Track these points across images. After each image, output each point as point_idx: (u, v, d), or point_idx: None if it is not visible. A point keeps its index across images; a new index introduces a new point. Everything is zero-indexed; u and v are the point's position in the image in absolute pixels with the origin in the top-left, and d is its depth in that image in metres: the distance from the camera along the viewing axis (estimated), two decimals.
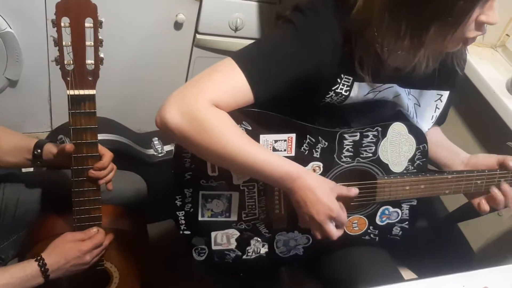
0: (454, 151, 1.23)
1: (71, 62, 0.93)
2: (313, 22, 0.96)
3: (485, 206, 1.10)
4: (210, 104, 0.90)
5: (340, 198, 0.99)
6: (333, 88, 1.01)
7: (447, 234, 1.38)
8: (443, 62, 1.03)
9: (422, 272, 1.29)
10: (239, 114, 0.97)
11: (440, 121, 1.26)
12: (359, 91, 1.02)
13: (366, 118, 1.07)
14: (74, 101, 0.97)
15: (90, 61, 0.95)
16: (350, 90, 1.02)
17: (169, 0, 1.72)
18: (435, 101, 1.16)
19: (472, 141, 1.63)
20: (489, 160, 1.13)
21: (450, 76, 1.11)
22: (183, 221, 1.10)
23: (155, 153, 1.74)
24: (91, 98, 0.98)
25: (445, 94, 1.16)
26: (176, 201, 1.07)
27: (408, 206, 1.15)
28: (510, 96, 1.47)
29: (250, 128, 1.01)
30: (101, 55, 0.96)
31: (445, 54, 1.02)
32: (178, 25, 1.79)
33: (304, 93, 0.99)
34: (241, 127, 1.00)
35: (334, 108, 1.04)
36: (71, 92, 0.96)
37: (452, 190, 1.10)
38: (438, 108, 1.17)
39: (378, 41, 0.95)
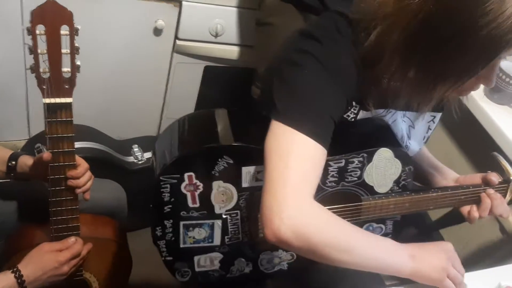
0: (439, 169, 1.24)
1: (47, 70, 0.92)
2: (334, 53, 0.92)
3: (474, 214, 1.12)
4: (311, 201, 0.84)
5: None
6: (343, 115, 1.00)
7: (427, 239, 1.39)
8: None
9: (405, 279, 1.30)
10: (218, 150, 0.98)
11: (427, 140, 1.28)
12: (363, 115, 1.02)
13: (353, 142, 1.05)
14: (50, 109, 0.95)
15: (66, 69, 0.93)
16: (355, 117, 1.01)
17: (148, 6, 1.70)
18: (428, 122, 1.17)
19: (451, 145, 1.64)
20: (474, 178, 1.16)
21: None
22: (164, 249, 1.08)
23: (135, 160, 1.73)
24: (68, 106, 0.97)
25: (438, 115, 1.17)
26: (156, 232, 1.06)
27: (392, 221, 1.15)
28: (488, 101, 1.50)
29: (231, 162, 1.00)
30: (78, 62, 0.94)
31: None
32: (157, 31, 1.78)
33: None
34: (222, 161, 0.99)
35: None
36: (47, 100, 0.94)
37: (436, 206, 1.12)
38: (430, 129, 1.18)
39: (385, 77, 0.94)
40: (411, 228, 1.33)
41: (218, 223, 1.07)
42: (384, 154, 1.06)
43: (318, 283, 1.16)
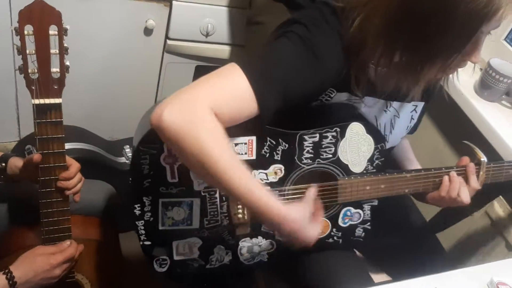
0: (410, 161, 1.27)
1: (36, 70, 0.91)
2: (319, 38, 0.94)
3: (434, 194, 1.13)
4: (210, 111, 0.84)
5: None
6: (319, 98, 1.02)
7: (420, 236, 1.39)
8: None
9: (397, 275, 1.30)
10: None
11: (412, 130, 1.28)
12: (339, 99, 1.04)
13: (326, 119, 1.06)
14: (39, 110, 0.95)
15: (55, 69, 0.93)
16: (331, 99, 1.03)
17: (138, 6, 1.70)
18: (411, 112, 1.18)
19: (442, 142, 1.65)
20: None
21: (429, 88, 1.13)
22: (143, 231, 1.06)
23: (126, 161, 1.72)
24: (57, 107, 0.96)
25: (420, 105, 1.19)
26: (135, 210, 1.04)
27: (369, 206, 1.16)
28: (477, 97, 1.51)
29: None
30: (67, 63, 0.94)
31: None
32: (148, 31, 1.77)
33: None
34: None
35: (296, 110, 1.02)
36: (36, 101, 0.93)
37: (411, 188, 1.12)
38: (413, 119, 1.20)
39: (372, 63, 0.96)
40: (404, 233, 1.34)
41: (197, 201, 1.05)
42: (356, 129, 1.07)
43: (305, 279, 1.16)
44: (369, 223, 1.18)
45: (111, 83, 1.88)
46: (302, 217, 0.94)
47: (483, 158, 1.13)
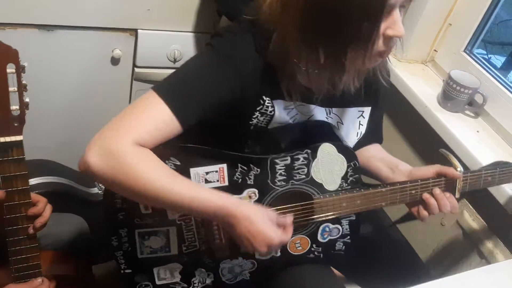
0: (394, 164, 1.24)
1: None
2: (231, 43, 0.98)
3: (423, 212, 1.13)
4: (132, 144, 0.88)
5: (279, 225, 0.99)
6: (257, 109, 1.02)
7: (395, 246, 1.40)
8: (366, 79, 1.06)
9: (374, 287, 1.31)
10: (165, 151, 0.96)
11: (377, 140, 1.30)
12: (279, 109, 1.04)
13: (297, 141, 1.08)
14: (0, 149, 0.94)
15: (15, 107, 0.93)
16: (274, 110, 1.03)
17: (104, 36, 1.70)
18: (358, 118, 1.18)
19: (411, 154, 1.67)
20: (428, 170, 1.16)
21: (371, 92, 1.14)
22: (122, 261, 1.08)
23: (99, 191, 1.71)
24: (19, 144, 0.95)
25: (367, 110, 1.18)
26: (113, 242, 1.05)
27: (348, 221, 1.17)
28: (441, 109, 1.53)
29: (179, 163, 1.00)
30: (27, 99, 0.94)
31: (368, 70, 1.04)
32: (115, 60, 1.78)
33: (230, 115, 0.99)
34: (169, 163, 0.99)
35: (264, 134, 1.05)
36: None
37: (388, 202, 1.13)
38: (362, 125, 1.20)
39: (301, 71, 0.97)
40: (368, 229, 1.35)
41: (173, 229, 1.06)
42: (327, 149, 1.08)
43: None
44: (348, 237, 1.19)
45: (82, 114, 1.88)
46: (257, 214, 0.94)
47: (460, 168, 1.12)
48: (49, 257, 1.19)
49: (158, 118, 0.91)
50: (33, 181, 1.02)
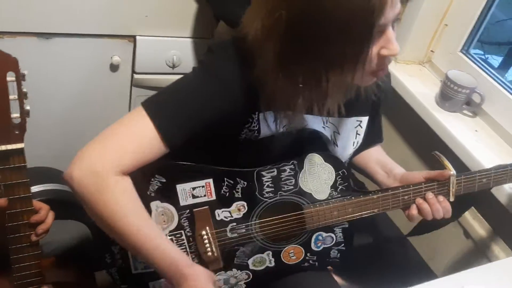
0: (389, 168, 1.24)
1: None
2: (221, 62, 0.96)
3: (413, 211, 1.11)
4: (114, 172, 0.90)
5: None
6: (246, 126, 1.01)
7: (397, 247, 1.41)
8: (364, 88, 1.04)
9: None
10: (149, 169, 0.97)
11: (377, 140, 1.30)
12: (268, 122, 1.02)
13: (285, 152, 1.07)
14: (1, 156, 0.95)
15: (15, 114, 0.93)
16: (259, 127, 1.02)
17: (102, 43, 1.71)
18: (355, 127, 1.17)
19: (410, 154, 1.68)
20: (419, 175, 1.15)
21: (369, 101, 1.13)
22: (117, 277, 1.09)
23: None
24: (20, 152, 0.96)
25: (365, 119, 1.17)
26: (106, 259, 1.06)
27: (341, 229, 1.17)
28: (439, 109, 1.54)
29: (164, 180, 1.01)
30: (27, 107, 0.94)
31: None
32: (114, 67, 1.78)
33: (218, 133, 0.99)
34: (155, 180, 1.00)
35: (252, 146, 1.04)
36: None
37: (380, 208, 1.13)
38: (359, 134, 1.19)
39: (282, 94, 0.95)
40: (365, 236, 1.35)
41: None
42: (314, 159, 1.09)
43: None
44: (343, 245, 1.19)
45: (82, 120, 1.88)
46: (205, 277, 0.93)
47: (453, 171, 1.11)
48: (51, 264, 1.19)
49: (144, 140, 0.92)
50: (34, 189, 1.03)
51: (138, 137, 0.92)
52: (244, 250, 1.12)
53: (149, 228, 0.93)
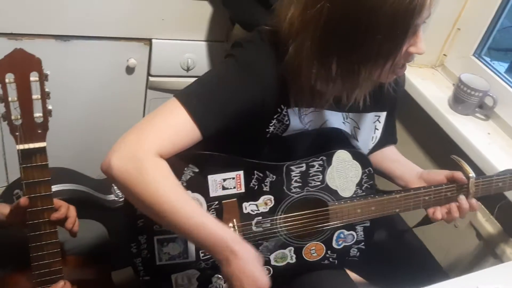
0: (409, 167, 1.27)
1: (19, 117, 0.93)
2: (252, 53, 0.99)
3: (438, 215, 1.14)
4: (153, 154, 0.90)
5: None
6: (275, 117, 1.03)
7: (411, 249, 1.41)
8: (381, 84, 1.07)
9: None
10: (183, 158, 0.98)
11: (392, 140, 1.31)
12: (295, 117, 1.05)
13: (312, 148, 1.09)
14: (24, 155, 0.97)
15: (38, 114, 0.95)
16: (289, 119, 1.05)
17: (119, 46, 1.74)
18: (374, 122, 1.20)
19: (423, 157, 1.69)
20: (439, 175, 1.18)
21: (388, 97, 1.15)
22: (141, 268, 1.09)
23: (115, 198, 1.73)
24: (42, 150, 0.98)
25: (383, 114, 1.20)
26: (132, 249, 1.07)
27: (362, 228, 1.18)
28: (452, 112, 1.55)
29: (197, 170, 1.02)
30: (49, 107, 0.96)
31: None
32: (130, 70, 1.81)
33: (248, 123, 1.01)
34: (187, 170, 1.01)
35: (280, 141, 1.07)
36: (21, 146, 0.95)
37: (402, 208, 1.14)
38: (377, 129, 1.21)
39: (312, 85, 0.99)
40: (378, 235, 1.36)
41: None
42: (342, 156, 1.10)
43: None
44: (363, 243, 1.20)
45: (97, 122, 1.91)
46: (253, 256, 0.92)
47: (472, 174, 1.13)
48: (69, 262, 1.21)
49: (179, 127, 0.94)
50: (54, 188, 1.04)
51: (174, 125, 0.93)
52: (267, 245, 1.12)
53: (192, 206, 0.93)
